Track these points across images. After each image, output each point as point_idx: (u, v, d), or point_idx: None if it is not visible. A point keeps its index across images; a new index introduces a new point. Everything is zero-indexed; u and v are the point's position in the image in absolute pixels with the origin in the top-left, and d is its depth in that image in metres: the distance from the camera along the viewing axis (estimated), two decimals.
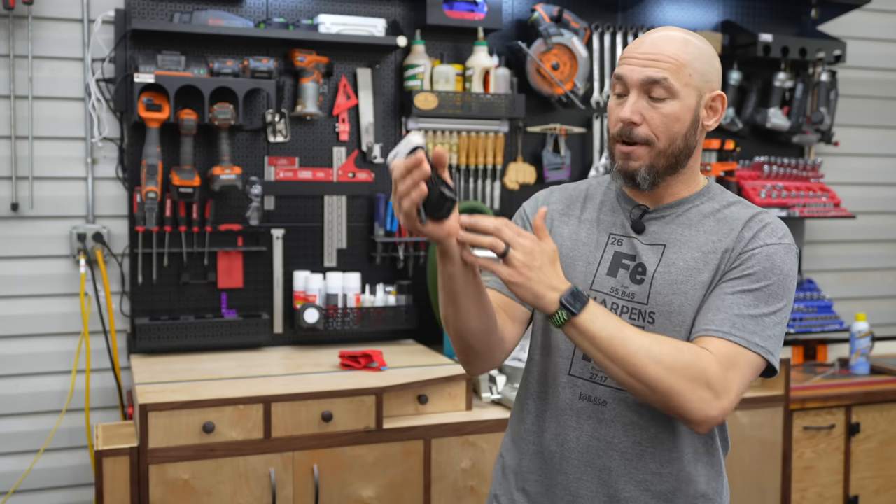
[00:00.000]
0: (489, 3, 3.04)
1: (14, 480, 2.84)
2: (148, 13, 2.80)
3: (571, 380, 1.51)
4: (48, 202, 2.84)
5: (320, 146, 3.02)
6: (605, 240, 1.53)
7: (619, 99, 1.48)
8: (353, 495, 2.43)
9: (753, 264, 1.43)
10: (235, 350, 2.89)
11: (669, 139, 1.46)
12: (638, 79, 1.44)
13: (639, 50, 1.47)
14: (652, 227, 1.51)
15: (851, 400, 3.10)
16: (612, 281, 1.50)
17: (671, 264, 1.46)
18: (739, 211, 1.50)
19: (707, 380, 1.35)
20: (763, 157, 3.51)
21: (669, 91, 1.44)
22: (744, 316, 1.40)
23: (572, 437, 1.51)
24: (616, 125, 1.47)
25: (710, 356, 1.36)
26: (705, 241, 1.47)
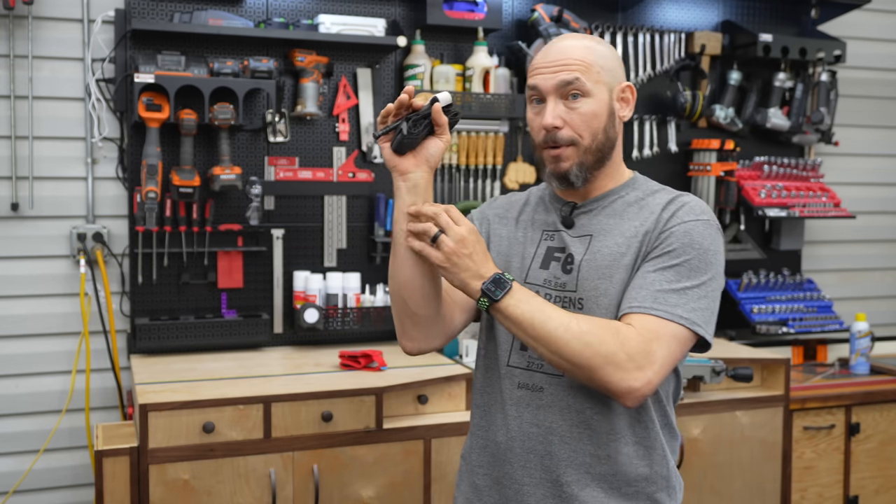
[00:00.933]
0: (489, 3, 3.04)
1: (14, 480, 2.84)
2: (148, 13, 2.80)
3: (510, 370, 1.58)
4: (48, 202, 2.84)
5: (320, 146, 3.02)
6: (538, 236, 1.62)
7: (536, 107, 1.56)
8: (353, 495, 2.43)
9: (672, 241, 1.48)
10: (235, 350, 2.89)
11: (592, 136, 1.54)
12: (552, 84, 1.53)
13: (547, 59, 1.55)
14: (580, 221, 1.59)
15: (851, 400, 3.11)
16: (545, 273, 1.58)
17: (597, 252, 1.54)
18: (661, 196, 1.57)
19: (627, 352, 1.39)
20: (763, 157, 3.51)
21: (583, 91, 1.53)
22: (665, 291, 1.45)
23: (514, 426, 1.56)
24: (540, 133, 1.55)
25: (631, 329, 1.42)
26: (629, 227, 1.54)
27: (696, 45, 3.38)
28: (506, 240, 1.65)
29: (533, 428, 1.55)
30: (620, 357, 1.39)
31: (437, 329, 1.60)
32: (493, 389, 1.61)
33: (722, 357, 2.83)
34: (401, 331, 1.60)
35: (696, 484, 2.77)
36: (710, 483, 2.79)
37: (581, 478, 1.52)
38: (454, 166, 3.14)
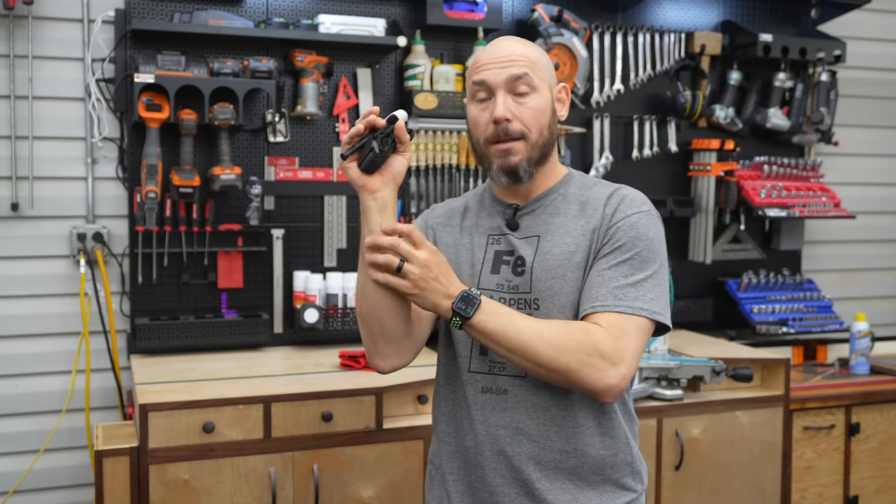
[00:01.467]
0: (489, 3, 3.04)
1: (14, 480, 2.84)
2: (148, 13, 2.80)
3: (472, 376, 1.60)
4: (48, 202, 2.84)
5: (320, 146, 3.02)
6: (484, 241, 1.64)
7: (482, 104, 1.58)
8: (353, 495, 2.43)
9: (620, 237, 1.53)
10: (235, 350, 2.89)
11: (539, 131, 1.57)
12: (502, 79, 1.55)
13: (494, 55, 1.57)
14: (525, 222, 1.62)
15: (851, 400, 3.11)
16: (497, 277, 1.60)
17: (546, 252, 1.57)
18: (600, 191, 1.61)
19: (600, 351, 1.44)
20: (763, 157, 3.51)
21: (531, 86, 1.56)
22: (623, 286, 1.50)
23: (481, 430, 1.58)
24: (487, 128, 1.56)
25: (600, 329, 1.47)
26: (574, 225, 1.57)
27: (696, 45, 3.38)
28: (452, 247, 1.67)
29: (500, 430, 1.57)
30: (595, 358, 1.44)
31: (408, 343, 1.61)
32: (457, 396, 1.63)
33: (722, 357, 2.83)
34: (373, 350, 1.59)
35: (696, 484, 2.77)
36: (710, 483, 2.79)
37: (550, 473, 1.56)
38: (454, 166, 3.14)
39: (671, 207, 3.35)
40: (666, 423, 2.71)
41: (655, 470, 2.71)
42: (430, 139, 3.09)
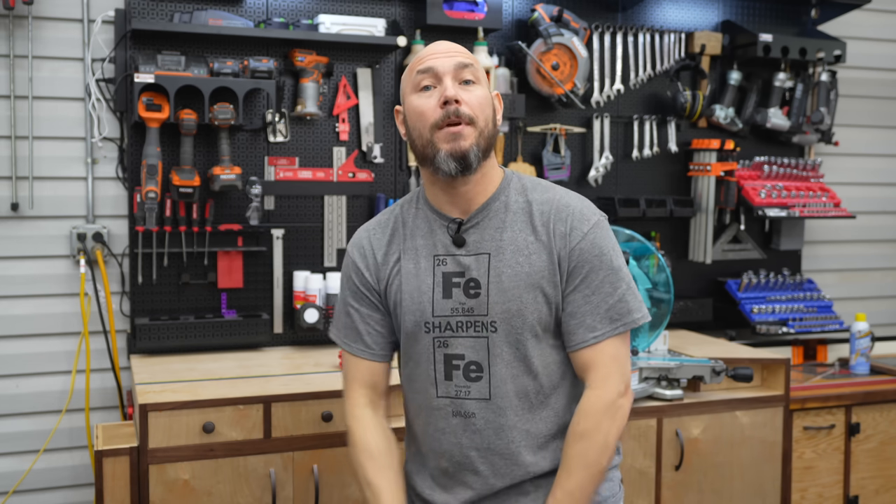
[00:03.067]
0: (489, 3, 3.04)
1: (14, 480, 2.84)
2: (148, 13, 2.80)
3: (440, 402, 1.62)
4: (48, 202, 2.84)
5: (320, 146, 3.02)
6: (430, 264, 1.61)
7: (426, 92, 1.56)
8: (353, 495, 2.43)
9: (587, 259, 1.56)
10: (235, 350, 2.89)
11: (485, 120, 1.56)
12: (450, 65, 1.56)
13: (437, 48, 1.60)
14: (471, 237, 1.60)
15: (851, 400, 3.10)
16: (450, 302, 1.59)
17: (500, 273, 1.57)
18: (541, 198, 1.60)
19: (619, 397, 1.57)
20: (763, 157, 3.51)
21: (476, 76, 1.58)
22: (612, 305, 1.56)
23: (455, 451, 1.62)
24: (435, 112, 1.54)
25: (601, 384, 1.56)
26: (523, 241, 1.58)
27: (696, 45, 3.38)
28: (403, 274, 1.63)
29: (472, 452, 1.61)
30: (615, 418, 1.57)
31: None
32: (428, 420, 1.65)
33: (722, 357, 2.83)
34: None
35: (696, 484, 2.77)
36: (710, 483, 2.79)
37: (523, 484, 1.61)
38: None
39: (671, 207, 3.35)
40: (666, 423, 2.71)
41: (655, 470, 2.71)
42: None
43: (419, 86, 1.58)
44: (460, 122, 1.53)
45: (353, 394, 1.73)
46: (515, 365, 1.58)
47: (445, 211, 1.63)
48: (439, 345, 1.61)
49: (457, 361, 1.59)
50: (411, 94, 1.59)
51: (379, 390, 1.73)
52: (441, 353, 1.61)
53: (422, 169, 1.63)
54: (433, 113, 1.55)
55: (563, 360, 1.63)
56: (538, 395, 1.60)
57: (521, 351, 1.58)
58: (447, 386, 1.61)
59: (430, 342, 1.61)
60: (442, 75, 1.55)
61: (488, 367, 1.58)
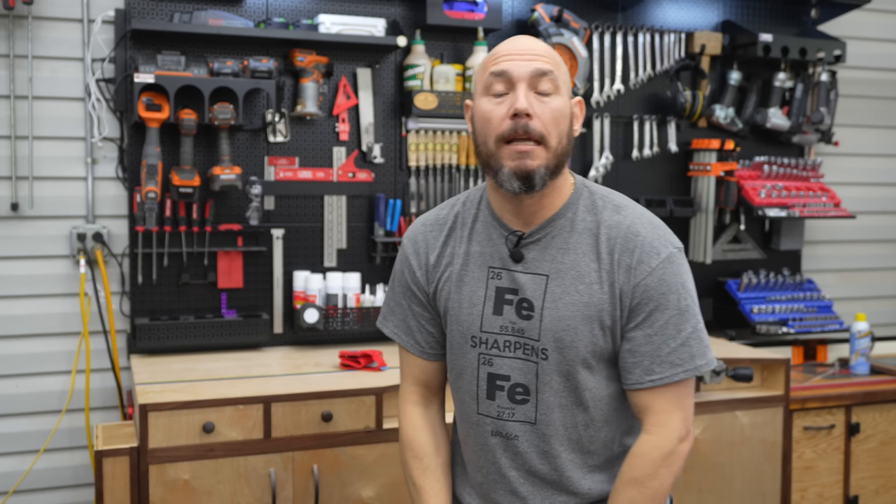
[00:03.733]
0: (489, 3, 3.04)
1: (14, 480, 2.84)
2: (148, 13, 2.80)
3: (480, 419, 1.54)
4: (48, 202, 2.84)
5: (320, 146, 3.02)
6: (484, 275, 1.50)
7: (497, 98, 1.42)
8: (353, 495, 2.43)
9: (651, 296, 1.43)
10: (235, 350, 2.89)
11: (558, 136, 1.42)
12: (527, 71, 1.40)
13: (516, 47, 1.43)
14: (530, 255, 1.48)
15: (851, 400, 3.10)
16: (500, 319, 1.49)
17: (557, 299, 1.45)
18: (610, 220, 1.47)
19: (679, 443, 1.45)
20: (763, 157, 3.51)
21: (554, 86, 1.41)
22: (675, 349, 1.44)
23: (493, 470, 1.54)
24: (503, 123, 1.40)
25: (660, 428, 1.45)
26: (586, 267, 1.45)
27: (696, 45, 3.38)
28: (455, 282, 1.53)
29: (512, 472, 1.53)
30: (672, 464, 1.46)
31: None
32: (469, 433, 1.58)
33: (722, 357, 2.83)
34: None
35: (696, 484, 2.77)
36: (710, 483, 2.79)
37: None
38: (454, 166, 3.14)
39: (671, 207, 3.34)
40: None
41: None
42: (430, 139, 3.09)
43: (490, 88, 1.43)
44: (529, 139, 1.39)
45: (405, 389, 1.67)
46: (565, 395, 1.48)
47: (507, 220, 1.50)
48: (484, 362, 1.51)
49: (501, 382, 1.50)
50: (481, 95, 1.44)
51: (432, 387, 1.67)
52: (485, 371, 1.51)
53: (487, 175, 1.50)
54: (501, 123, 1.40)
55: (617, 393, 1.52)
56: (588, 428, 1.49)
57: (572, 382, 1.47)
58: (488, 405, 1.52)
59: (476, 357, 1.52)
60: (516, 82, 1.40)
61: (536, 392, 1.48)
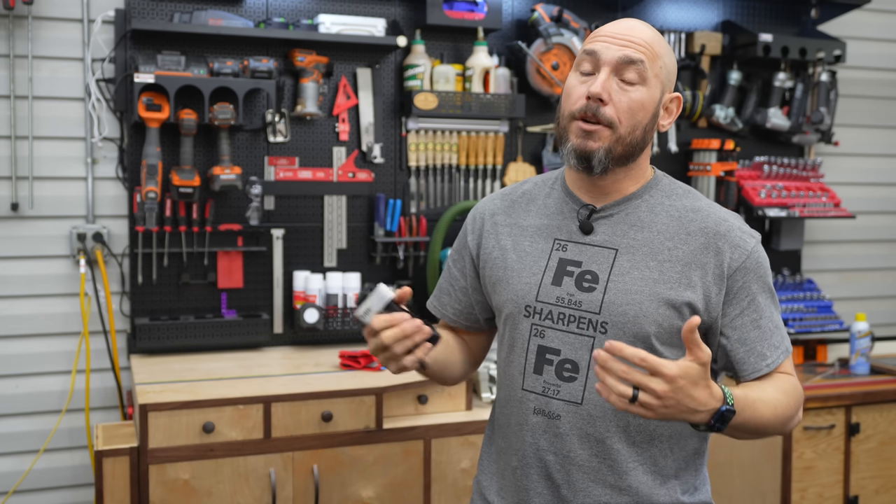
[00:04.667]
0: (489, 3, 3.04)
1: (14, 480, 2.84)
2: (148, 13, 2.80)
3: (525, 395, 1.48)
4: (48, 202, 2.84)
5: (320, 146, 3.02)
6: (549, 246, 1.49)
7: (583, 77, 1.42)
8: (353, 495, 2.43)
9: (751, 280, 1.43)
10: (235, 350, 2.89)
11: (631, 127, 1.40)
12: (614, 57, 1.39)
13: (615, 29, 1.42)
14: (601, 229, 1.46)
15: (851, 400, 3.10)
16: (558, 290, 1.45)
17: (625, 273, 1.42)
18: (692, 205, 1.46)
19: (799, 408, 1.44)
20: (763, 157, 3.51)
21: (641, 76, 1.39)
22: (778, 331, 1.46)
23: (530, 452, 1.47)
24: (578, 101, 1.40)
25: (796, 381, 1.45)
26: (660, 246, 1.43)
27: (696, 45, 3.38)
28: (512, 252, 1.52)
29: (549, 456, 1.45)
30: (798, 414, 1.44)
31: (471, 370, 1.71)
32: (509, 411, 1.52)
33: None
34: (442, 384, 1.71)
35: None
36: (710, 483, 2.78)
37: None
38: (454, 166, 3.14)
39: None
40: None
41: None
42: (430, 139, 3.09)
43: (580, 65, 1.42)
44: (598, 122, 1.38)
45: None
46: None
47: (580, 195, 1.49)
48: (535, 333, 1.46)
49: (551, 356, 1.44)
50: (574, 69, 1.44)
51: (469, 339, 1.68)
52: (535, 343, 1.46)
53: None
54: (576, 101, 1.40)
55: None
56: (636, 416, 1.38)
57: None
58: (534, 380, 1.46)
59: (528, 328, 1.47)
60: (602, 65, 1.39)
61: (587, 369, 1.42)
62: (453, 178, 3.16)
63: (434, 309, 1.68)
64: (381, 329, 1.36)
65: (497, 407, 1.59)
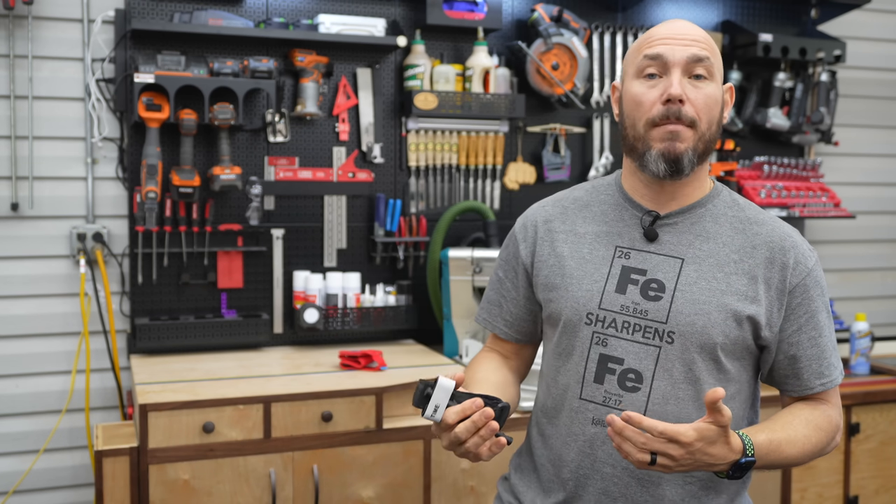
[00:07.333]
0: (489, 3, 3.04)
1: (14, 480, 2.84)
2: (148, 13, 2.80)
3: (583, 404, 1.44)
4: (48, 202, 2.84)
5: (320, 146, 3.02)
6: (610, 254, 1.46)
7: (650, 81, 1.40)
8: (353, 495, 2.43)
9: (811, 297, 1.44)
10: (235, 350, 2.89)
11: (709, 122, 1.40)
12: (683, 57, 1.38)
13: (674, 30, 1.41)
14: (665, 237, 1.44)
15: (851, 400, 3.10)
16: (622, 298, 1.42)
17: (692, 283, 1.40)
18: (758, 224, 1.46)
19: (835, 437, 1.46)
20: (763, 157, 3.51)
21: (709, 72, 1.39)
22: (832, 352, 1.46)
23: (586, 464, 1.43)
24: (654, 108, 1.38)
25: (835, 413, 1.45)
26: (726, 258, 1.42)
27: None
28: (570, 259, 1.48)
29: (608, 468, 1.41)
30: (831, 444, 1.45)
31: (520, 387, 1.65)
32: (560, 421, 1.47)
33: None
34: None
35: None
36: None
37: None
38: (454, 166, 3.14)
39: None
40: None
41: None
42: (430, 139, 3.09)
43: (643, 71, 1.40)
44: (680, 123, 1.37)
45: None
46: (683, 387, 1.39)
47: (642, 202, 1.47)
48: (597, 341, 1.42)
49: (613, 365, 1.41)
50: (633, 77, 1.42)
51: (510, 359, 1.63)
52: (597, 352, 1.43)
53: (626, 158, 1.47)
54: (652, 107, 1.38)
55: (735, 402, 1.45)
56: None
57: (694, 373, 1.39)
58: (594, 389, 1.42)
59: (589, 336, 1.43)
60: (671, 66, 1.38)
61: (651, 380, 1.39)
62: (453, 178, 3.16)
63: (484, 322, 1.64)
64: (456, 423, 1.29)
65: (541, 417, 1.54)
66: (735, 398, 1.45)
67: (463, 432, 1.28)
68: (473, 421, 1.28)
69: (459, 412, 1.28)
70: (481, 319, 1.64)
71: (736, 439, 1.28)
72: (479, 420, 1.27)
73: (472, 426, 1.28)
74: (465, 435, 1.28)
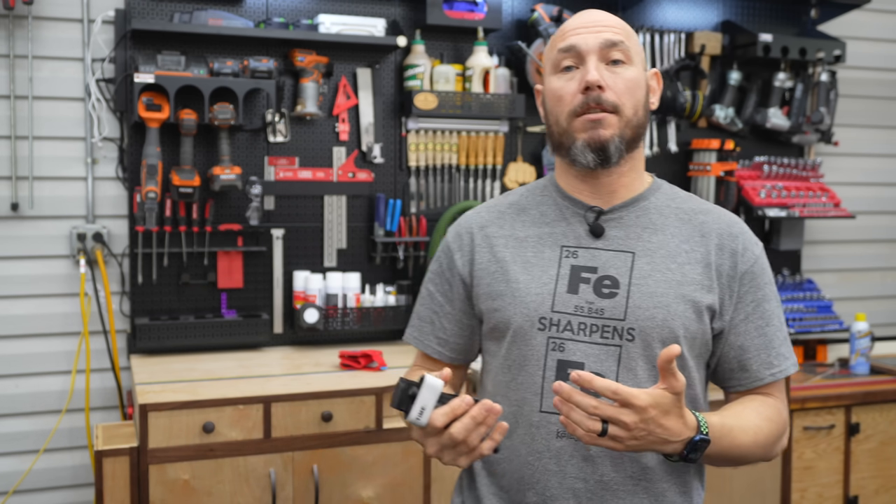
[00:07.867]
0: (489, 3, 3.04)
1: (14, 480, 2.84)
2: (148, 13, 2.80)
3: (544, 417, 1.34)
4: (48, 202, 2.84)
5: (320, 146, 3.02)
6: (557, 254, 1.38)
7: (567, 74, 1.36)
8: (353, 495, 2.43)
9: (759, 285, 1.39)
10: (235, 350, 2.90)
11: (634, 107, 1.35)
12: (595, 43, 1.34)
13: (584, 20, 1.38)
14: (612, 232, 1.38)
15: (851, 400, 3.11)
16: (575, 298, 1.35)
17: (647, 276, 1.34)
18: (698, 207, 1.43)
19: (784, 432, 1.39)
20: (763, 157, 3.51)
21: (626, 55, 1.35)
22: (783, 340, 1.40)
23: (554, 482, 1.33)
24: (574, 99, 1.34)
25: (782, 406, 1.39)
26: (676, 248, 1.37)
27: (696, 45, 3.38)
28: (513, 264, 1.40)
29: (579, 483, 1.32)
30: (780, 442, 1.39)
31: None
32: (519, 440, 1.36)
33: None
34: None
35: None
36: (709, 483, 2.79)
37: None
38: (454, 166, 3.14)
39: None
40: None
41: None
42: (429, 139, 3.09)
43: (559, 65, 1.36)
44: (603, 111, 1.32)
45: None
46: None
47: (582, 198, 1.41)
48: (553, 347, 1.34)
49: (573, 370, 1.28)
50: (551, 73, 1.38)
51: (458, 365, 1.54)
52: (554, 359, 1.34)
53: (557, 157, 1.42)
54: (572, 99, 1.34)
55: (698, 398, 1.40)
56: None
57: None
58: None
59: (544, 343, 1.35)
60: (585, 55, 1.34)
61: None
62: (453, 178, 3.16)
63: (414, 340, 1.54)
64: (445, 425, 1.20)
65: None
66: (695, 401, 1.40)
67: (461, 431, 1.19)
68: (472, 416, 1.19)
69: (448, 413, 1.19)
70: (411, 338, 1.54)
71: (690, 416, 1.21)
72: (480, 414, 1.19)
73: (472, 423, 1.19)
74: (464, 434, 1.19)
